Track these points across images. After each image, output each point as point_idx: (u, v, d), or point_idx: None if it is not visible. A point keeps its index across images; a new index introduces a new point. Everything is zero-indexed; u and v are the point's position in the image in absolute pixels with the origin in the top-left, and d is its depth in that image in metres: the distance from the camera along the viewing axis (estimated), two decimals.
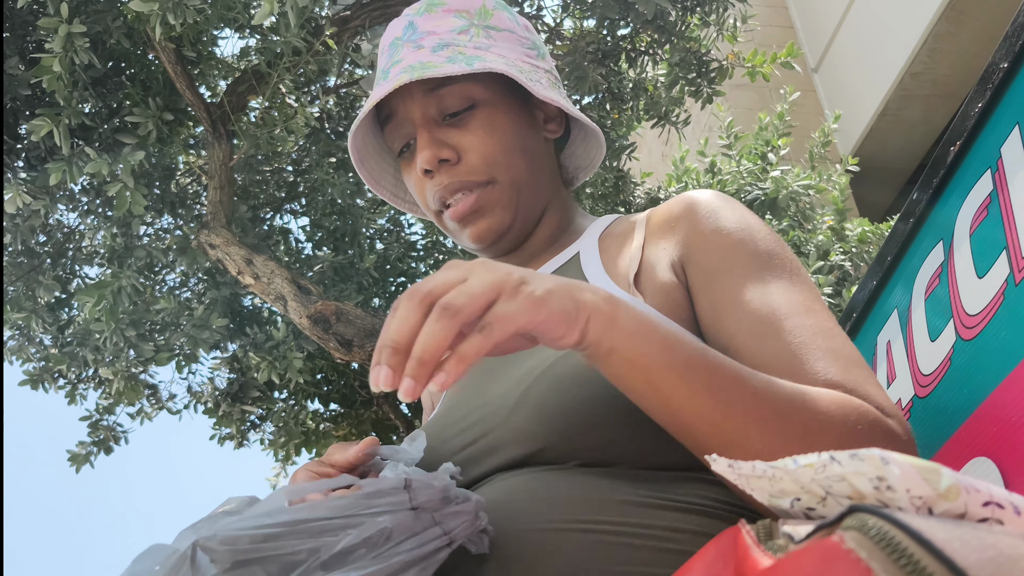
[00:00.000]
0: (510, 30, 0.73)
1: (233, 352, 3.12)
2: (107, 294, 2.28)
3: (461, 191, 0.67)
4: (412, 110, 0.69)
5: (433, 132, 0.68)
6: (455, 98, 0.68)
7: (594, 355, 0.46)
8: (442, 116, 0.69)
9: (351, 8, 2.53)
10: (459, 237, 0.71)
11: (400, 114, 0.69)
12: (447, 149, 0.67)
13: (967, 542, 0.24)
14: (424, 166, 0.67)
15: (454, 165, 0.67)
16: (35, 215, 2.43)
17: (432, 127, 0.68)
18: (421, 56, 0.68)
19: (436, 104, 0.68)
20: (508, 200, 0.69)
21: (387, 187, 0.79)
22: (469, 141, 0.67)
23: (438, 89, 0.68)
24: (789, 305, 0.54)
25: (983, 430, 0.62)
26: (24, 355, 2.96)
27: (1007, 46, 0.68)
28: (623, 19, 2.64)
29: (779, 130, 3.49)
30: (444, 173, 0.67)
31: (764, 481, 0.35)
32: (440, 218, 0.71)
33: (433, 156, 0.66)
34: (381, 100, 0.70)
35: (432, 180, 0.68)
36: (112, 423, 3.05)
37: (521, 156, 0.70)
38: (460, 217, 0.68)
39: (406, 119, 0.69)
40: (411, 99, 0.68)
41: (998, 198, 0.66)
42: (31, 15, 2.14)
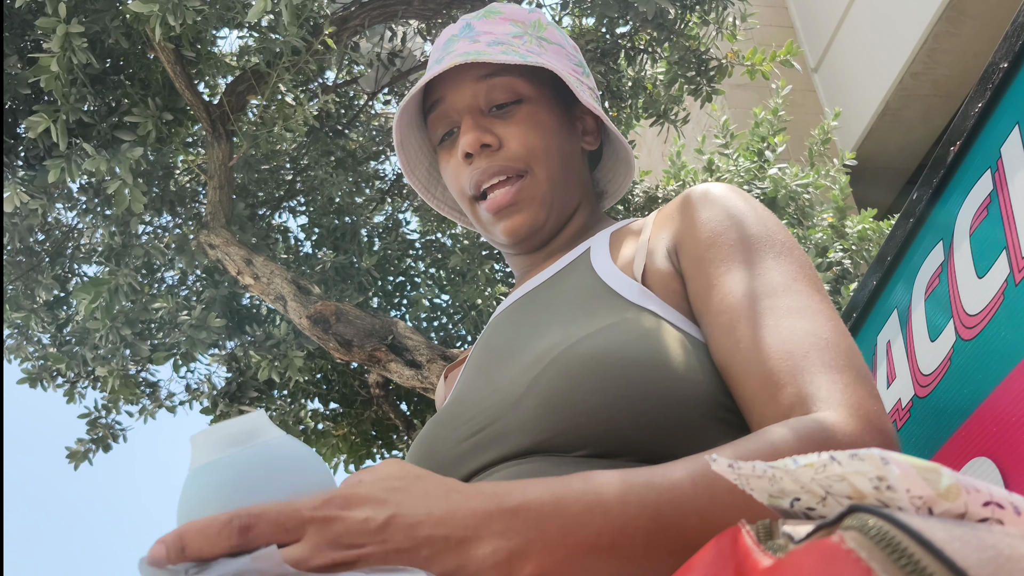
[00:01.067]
0: (560, 44, 0.76)
1: (232, 351, 3.13)
2: (103, 292, 2.28)
3: (499, 175, 0.69)
4: (460, 96, 0.71)
5: (478, 119, 0.70)
6: (503, 91, 0.71)
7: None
8: (489, 107, 0.71)
9: (350, 7, 2.52)
10: (491, 230, 0.72)
11: (448, 101, 0.71)
12: (490, 135, 0.69)
13: (967, 542, 0.24)
14: (467, 149, 0.68)
15: (495, 151, 0.69)
16: (33, 214, 2.43)
17: (478, 115, 0.70)
18: (477, 47, 0.71)
19: (485, 93, 0.70)
20: (544, 197, 0.70)
21: (420, 179, 0.81)
22: (512, 132, 0.70)
23: (489, 78, 0.70)
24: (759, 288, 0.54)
25: (983, 430, 0.62)
26: (23, 354, 2.96)
27: (1007, 46, 0.68)
28: (622, 17, 2.64)
29: (774, 127, 3.49)
30: (484, 158, 0.69)
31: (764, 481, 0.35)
32: (475, 207, 0.72)
33: (476, 139, 0.68)
34: (430, 86, 0.73)
35: (471, 165, 0.69)
36: (111, 421, 3.05)
37: (559, 156, 0.72)
38: (497, 209, 0.69)
39: (453, 106, 0.71)
40: (461, 86, 0.71)
41: (998, 198, 0.66)
42: (30, 14, 2.14)
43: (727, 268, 0.56)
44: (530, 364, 0.57)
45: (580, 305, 0.61)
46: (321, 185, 2.96)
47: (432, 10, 2.60)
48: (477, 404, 0.58)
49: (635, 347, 0.53)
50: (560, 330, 0.59)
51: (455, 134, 0.72)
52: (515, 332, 0.65)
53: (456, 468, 0.56)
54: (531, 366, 0.56)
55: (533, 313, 0.66)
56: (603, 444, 0.50)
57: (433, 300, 3.22)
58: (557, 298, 0.65)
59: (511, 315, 0.70)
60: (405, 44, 3.07)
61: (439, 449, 0.58)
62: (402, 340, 2.34)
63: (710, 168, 3.46)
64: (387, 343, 2.31)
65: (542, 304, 0.66)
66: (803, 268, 0.56)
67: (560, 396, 0.52)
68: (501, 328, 0.69)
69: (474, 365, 0.67)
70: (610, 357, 0.52)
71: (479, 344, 0.71)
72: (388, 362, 2.31)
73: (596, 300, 0.61)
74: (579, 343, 0.54)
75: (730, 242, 0.58)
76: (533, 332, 0.62)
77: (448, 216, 0.83)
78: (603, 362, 0.52)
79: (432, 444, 0.59)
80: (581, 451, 0.51)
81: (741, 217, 0.60)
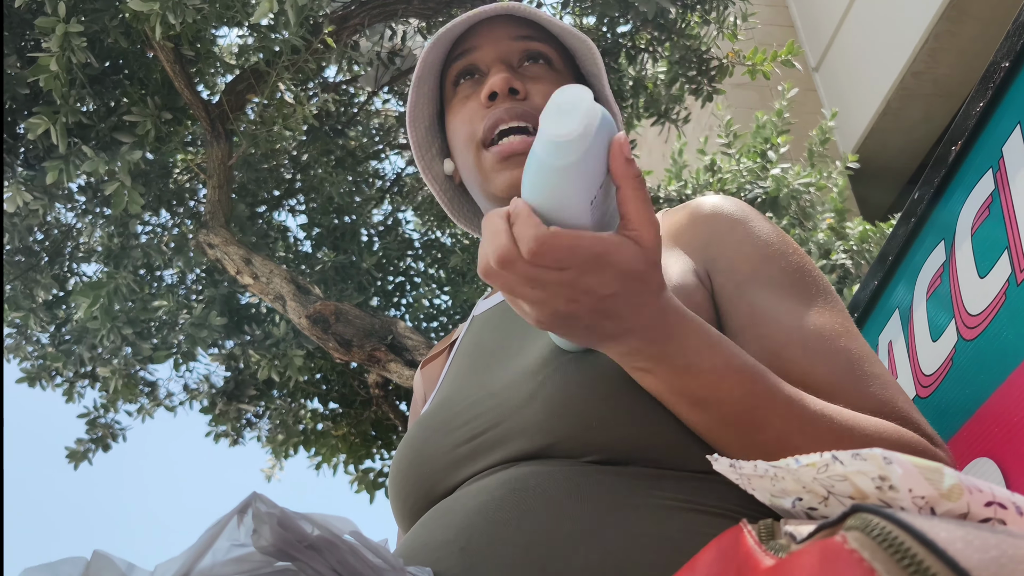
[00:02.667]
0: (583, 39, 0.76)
1: (231, 350, 3.12)
2: (103, 294, 2.28)
3: (520, 120, 0.67)
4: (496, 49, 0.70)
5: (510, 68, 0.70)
6: (536, 53, 0.71)
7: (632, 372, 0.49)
8: (520, 63, 0.71)
9: (350, 6, 2.52)
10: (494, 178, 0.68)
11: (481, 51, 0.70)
12: (520, 84, 0.68)
13: (970, 542, 0.24)
14: (495, 88, 0.67)
15: (520, 99, 0.68)
16: (32, 214, 2.43)
17: (510, 66, 0.70)
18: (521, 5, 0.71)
19: (520, 51, 0.70)
20: None
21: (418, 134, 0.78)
22: (539, 88, 0.69)
23: (526, 40, 0.70)
24: (833, 327, 0.55)
25: (985, 430, 0.62)
26: (22, 353, 2.96)
27: (1008, 45, 0.68)
28: (623, 16, 2.64)
29: (778, 127, 3.49)
30: (507, 102, 0.68)
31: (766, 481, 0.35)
32: (480, 153, 0.69)
33: (507, 81, 0.67)
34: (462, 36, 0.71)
35: (492, 108, 0.68)
36: (110, 420, 3.05)
37: None
38: (508, 155, 0.67)
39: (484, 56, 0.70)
40: (498, 41, 0.70)
41: (1000, 197, 0.66)
42: (29, 14, 2.14)
43: (789, 295, 0.57)
44: (532, 368, 0.55)
45: None
46: (321, 184, 2.96)
47: (432, 9, 2.60)
48: (472, 408, 0.56)
49: None
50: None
51: (477, 79, 0.71)
52: (508, 332, 0.64)
53: (452, 474, 0.54)
54: (534, 370, 0.55)
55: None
56: (611, 451, 0.50)
57: (433, 300, 3.22)
58: None
59: (502, 315, 0.67)
60: (405, 43, 3.06)
61: (431, 454, 0.56)
62: (402, 340, 2.34)
63: (712, 168, 3.46)
64: (387, 343, 2.31)
65: None
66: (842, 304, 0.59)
67: (571, 400, 0.51)
68: (493, 326, 0.67)
69: (464, 364, 0.65)
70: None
71: (467, 343, 0.69)
72: (388, 362, 2.31)
73: None
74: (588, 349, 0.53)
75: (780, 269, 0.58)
76: (528, 334, 0.60)
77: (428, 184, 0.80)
78: (614, 367, 0.51)
79: (423, 448, 0.57)
80: (588, 457, 0.50)
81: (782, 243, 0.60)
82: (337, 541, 0.39)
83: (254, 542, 0.38)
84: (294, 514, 0.39)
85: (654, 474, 0.49)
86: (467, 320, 0.78)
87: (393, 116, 3.54)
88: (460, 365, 0.66)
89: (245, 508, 0.39)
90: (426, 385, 0.77)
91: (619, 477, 0.48)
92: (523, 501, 0.47)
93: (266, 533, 0.37)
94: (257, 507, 0.38)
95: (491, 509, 0.47)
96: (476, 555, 0.45)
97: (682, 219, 0.64)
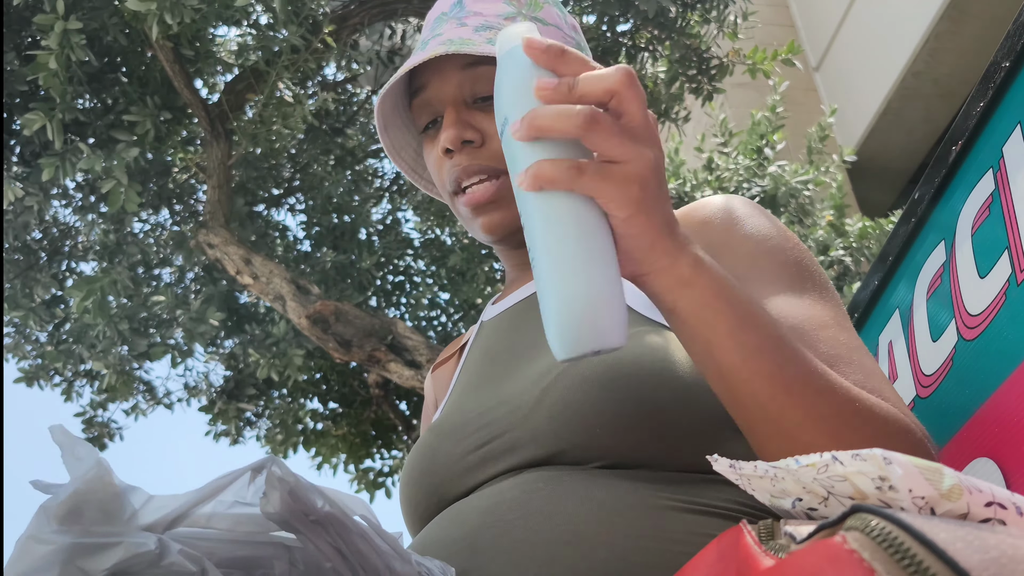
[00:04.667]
0: (557, 26, 0.72)
1: (231, 349, 3.12)
2: (96, 289, 2.28)
3: (479, 175, 0.66)
4: (444, 86, 0.68)
5: (461, 112, 0.67)
6: (488, 82, 0.68)
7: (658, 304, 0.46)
8: (473, 98, 0.68)
9: (350, 5, 2.52)
10: (471, 224, 0.70)
11: (431, 88, 0.68)
12: (472, 131, 0.66)
13: (970, 543, 0.24)
14: (446, 145, 0.65)
15: (477, 148, 0.66)
16: (29, 211, 2.43)
17: (460, 107, 0.67)
18: (463, 33, 0.68)
19: (469, 84, 0.68)
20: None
21: (407, 161, 0.78)
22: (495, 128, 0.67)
23: (473, 68, 0.67)
24: (823, 317, 0.55)
25: (985, 431, 0.62)
26: (20, 352, 2.96)
27: (1009, 45, 0.68)
28: (623, 15, 2.64)
29: (772, 124, 3.49)
30: (465, 154, 0.66)
31: (766, 481, 0.35)
32: (454, 200, 0.69)
33: (457, 136, 0.65)
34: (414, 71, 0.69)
35: (451, 160, 0.67)
36: (106, 419, 3.05)
37: None
38: (475, 205, 0.66)
39: (436, 95, 0.68)
40: (445, 75, 0.68)
41: (1000, 198, 0.66)
42: (28, 11, 2.13)
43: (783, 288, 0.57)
44: (540, 374, 0.55)
45: None
46: (320, 183, 2.96)
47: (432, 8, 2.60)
48: (483, 415, 0.57)
49: (650, 357, 0.52)
50: None
51: (438, 124, 0.69)
52: (518, 339, 0.64)
53: (462, 480, 0.55)
54: (541, 376, 0.55)
55: (536, 320, 0.64)
56: (618, 455, 0.50)
57: (433, 299, 3.22)
58: None
59: (511, 320, 0.68)
60: (404, 42, 3.06)
61: (443, 461, 0.57)
62: (401, 340, 2.34)
63: (709, 166, 3.46)
64: (386, 343, 2.31)
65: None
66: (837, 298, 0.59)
67: (575, 407, 0.51)
68: (501, 333, 0.67)
69: (473, 372, 0.66)
70: (625, 367, 0.51)
71: (477, 349, 0.69)
72: (387, 362, 2.31)
73: None
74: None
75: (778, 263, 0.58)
76: (537, 340, 0.61)
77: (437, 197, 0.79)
78: (619, 372, 0.51)
79: (435, 456, 0.58)
80: (596, 463, 0.50)
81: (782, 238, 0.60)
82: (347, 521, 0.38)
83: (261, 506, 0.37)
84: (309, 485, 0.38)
85: (658, 477, 0.49)
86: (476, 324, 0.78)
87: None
88: (470, 371, 0.67)
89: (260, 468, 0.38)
90: (437, 390, 0.78)
91: (625, 480, 0.48)
92: (532, 503, 0.48)
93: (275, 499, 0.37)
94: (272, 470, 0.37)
95: (501, 510, 0.48)
96: (485, 553, 0.46)
97: (690, 219, 0.65)
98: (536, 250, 0.42)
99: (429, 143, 0.70)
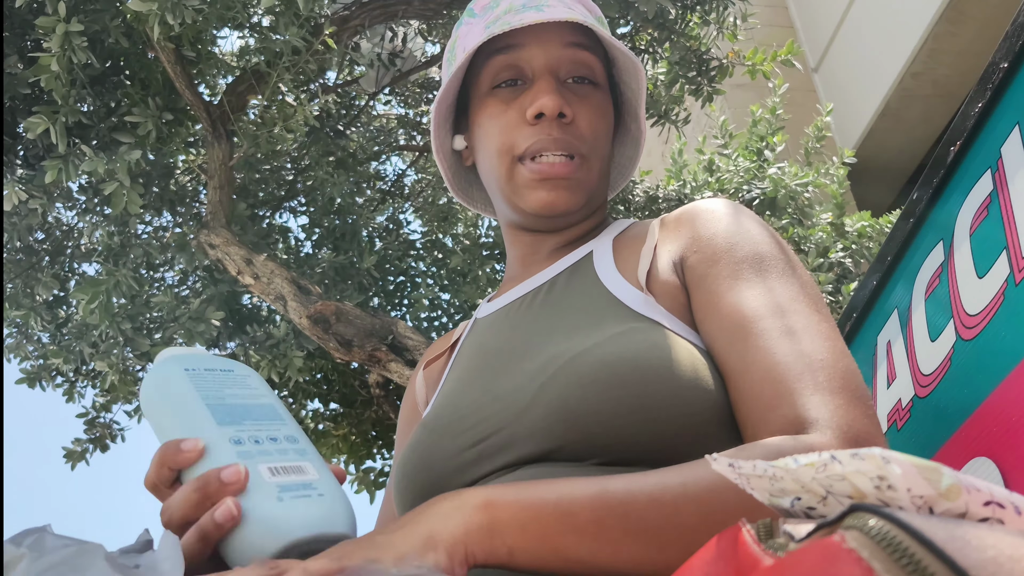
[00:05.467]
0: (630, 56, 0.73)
1: (232, 351, 3.12)
2: (102, 292, 2.28)
3: (565, 151, 0.65)
4: (545, 54, 0.66)
5: (560, 84, 0.67)
6: (585, 67, 0.68)
7: (504, 566, 0.42)
8: (567, 77, 0.68)
9: (351, 7, 2.52)
10: (526, 194, 0.67)
11: (528, 51, 0.67)
12: (568, 108, 0.66)
13: (968, 542, 0.24)
14: (543, 110, 0.64)
15: (566, 124, 0.66)
16: (32, 213, 2.43)
17: (558, 80, 0.67)
18: (575, 11, 0.67)
19: (569, 61, 0.67)
20: (590, 186, 0.69)
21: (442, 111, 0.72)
22: (585, 112, 0.67)
23: (577, 48, 0.67)
24: (761, 307, 0.54)
25: (983, 430, 0.62)
26: (22, 352, 2.95)
27: (1007, 46, 0.68)
28: (623, 17, 2.64)
29: (773, 125, 3.49)
30: (554, 126, 0.65)
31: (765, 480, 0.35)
32: (516, 166, 0.67)
33: (558, 105, 0.64)
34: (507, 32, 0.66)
35: (538, 127, 0.65)
36: (108, 420, 3.05)
37: (607, 153, 0.71)
38: (549, 176, 0.65)
39: (533, 59, 0.67)
40: (547, 44, 0.67)
41: (998, 198, 0.66)
42: (30, 14, 2.14)
43: (729, 285, 0.57)
44: (536, 370, 0.55)
45: (585, 313, 0.60)
46: (321, 185, 2.96)
47: (432, 10, 2.60)
48: (478, 411, 0.57)
49: (647, 355, 0.52)
50: (565, 337, 0.57)
51: (520, 86, 0.68)
52: (514, 335, 0.63)
53: (458, 477, 0.55)
54: (538, 372, 0.55)
55: (533, 317, 0.64)
56: (614, 453, 0.50)
57: (434, 300, 3.22)
58: (559, 304, 0.64)
59: (508, 316, 0.68)
60: (406, 44, 3.06)
61: (438, 458, 0.56)
62: (402, 340, 2.34)
63: (710, 168, 3.46)
64: (387, 343, 2.31)
65: (543, 308, 0.65)
66: (805, 287, 0.57)
67: (572, 404, 0.51)
68: (497, 329, 0.67)
69: (468, 367, 0.65)
70: (623, 365, 0.51)
71: (470, 344, 0.69)
72: (388, 362, 2.31)
73: (601, 309, 0.60)
74: (589, 350, 0.53)
75: (734, 260, 0.58)
76: (535, 337, 0.61)
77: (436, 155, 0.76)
78: (616, 370, 0.51)
79: (430, 453, 0.57)
80: (591, 460, 0.50)
81: (745, 235, 0.60)
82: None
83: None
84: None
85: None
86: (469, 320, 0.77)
87: (394, 118, 3.54)
88: (463, 367, 0.66)
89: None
90: (427, 387, 0.77)
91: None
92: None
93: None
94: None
95: None
96: None
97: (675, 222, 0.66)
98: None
99: (499, 104, 0.68)
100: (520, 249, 0.74)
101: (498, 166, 0.68)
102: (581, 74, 0.68)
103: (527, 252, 0.73)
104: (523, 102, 0.67)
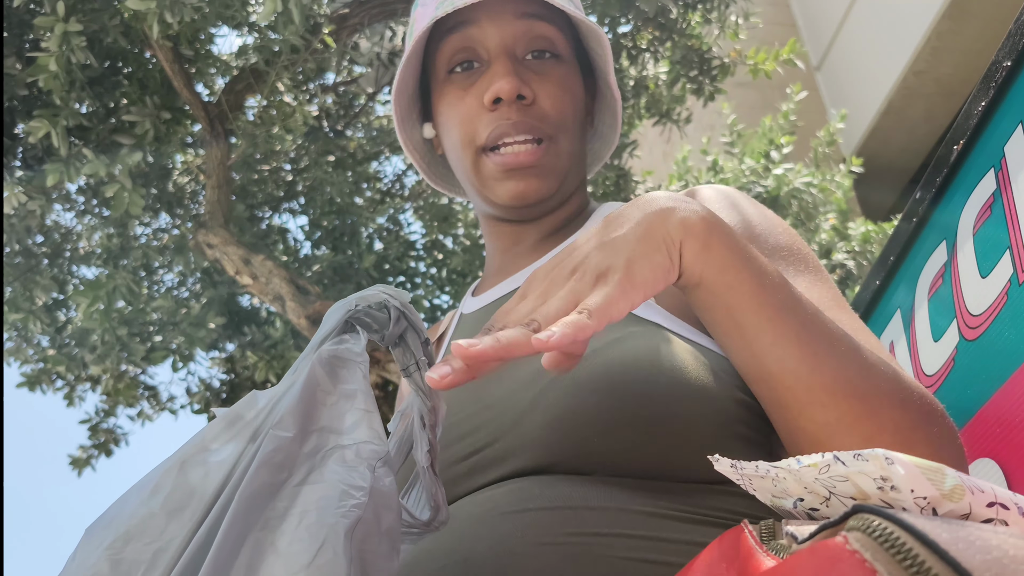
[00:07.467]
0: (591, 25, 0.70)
1: (231, 353, 3.12)
2: (102, 295, 2.28)
3: (527, 134, 0.61)
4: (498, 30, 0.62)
5: (516, 64, 0.62)
6: (543, 40, 0.63)
7: (683, 284, 0.44)
8: (525, 53, 0.63)
9: (350, 6, 2.52)
10: (492, 186, 0.64)
11: (480, 28, 0.62)
12: (527, 88, 0.61)
13: (972, 543, 0.24)
14: (499, 95, 0.60)
15: (527, 106, 0.61)
16: (31, 215, 2.43)
17: (514, 59, 0.62)
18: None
19: (525, 36, 0.62)
20: (560, 169, 0.64)
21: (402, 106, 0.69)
22: (547, 90, 0.62)
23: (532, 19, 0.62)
24: (823, 299, 0.53)
25: (986, 431, 0.62)
26: (22, 356, 2.95)
27: (1010, 44, 0.68)
28: (624, 16, 2.64)
29: (784, 129, 3.49)
30: (514, 109, 0.61)
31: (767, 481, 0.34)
32: (480, 158, 0.63)
33: (515, 88, 0.60)
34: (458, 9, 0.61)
35: (496, 113, 0.61)
36: (112, 426, 3.05)
37: (577, 128, 0.66)
38: (514, 166, 0.61)
39: (485, 38, 0.62)
40: (500, 18, 0.62)
41: (1001, 197, 0.66)
42: (28, 14, 2.14)
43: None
44: (529, 378, 0.52)
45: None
46: (320, 185, 2.96)
47: None
48: (467, 420, 0.54)
49: (646, 361, 0.49)
50: None
51: (476, 69, 0.63)
52: None
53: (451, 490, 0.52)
54: (531, 380, 0.52)
55: None
56: (614, 465, 0.47)
57: (433, 301, 3.22)
58: None
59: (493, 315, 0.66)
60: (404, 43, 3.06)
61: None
62: None
63: (714, 168, 3.46)
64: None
65: None
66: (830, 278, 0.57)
67: (569, 414, 0.48)
68: None
69: None
70: (621, 372, 0.49)
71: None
72: (387, 362, 2.30)
73: None
74: (586, 356, 0.50)
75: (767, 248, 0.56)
76: None
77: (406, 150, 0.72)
78: (614, 378, 0.48)
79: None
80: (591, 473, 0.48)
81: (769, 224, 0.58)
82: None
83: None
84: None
85: (658, 486, 0.47)
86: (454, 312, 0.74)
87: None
88: None
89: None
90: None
91: (623, 490, 0.46)
92: (527, 512, 0.46)
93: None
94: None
95: (495, 519, 0.46)
96: (480, 565, 0.44)
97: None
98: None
99: (456, 90, 0.64)
100: (501, 241, 0.70)
101: (463, 158, 0.65)
102: (540, 47, 0.63)
103: (509, 244, 0.70)
104: (480, 87, 0.62)
